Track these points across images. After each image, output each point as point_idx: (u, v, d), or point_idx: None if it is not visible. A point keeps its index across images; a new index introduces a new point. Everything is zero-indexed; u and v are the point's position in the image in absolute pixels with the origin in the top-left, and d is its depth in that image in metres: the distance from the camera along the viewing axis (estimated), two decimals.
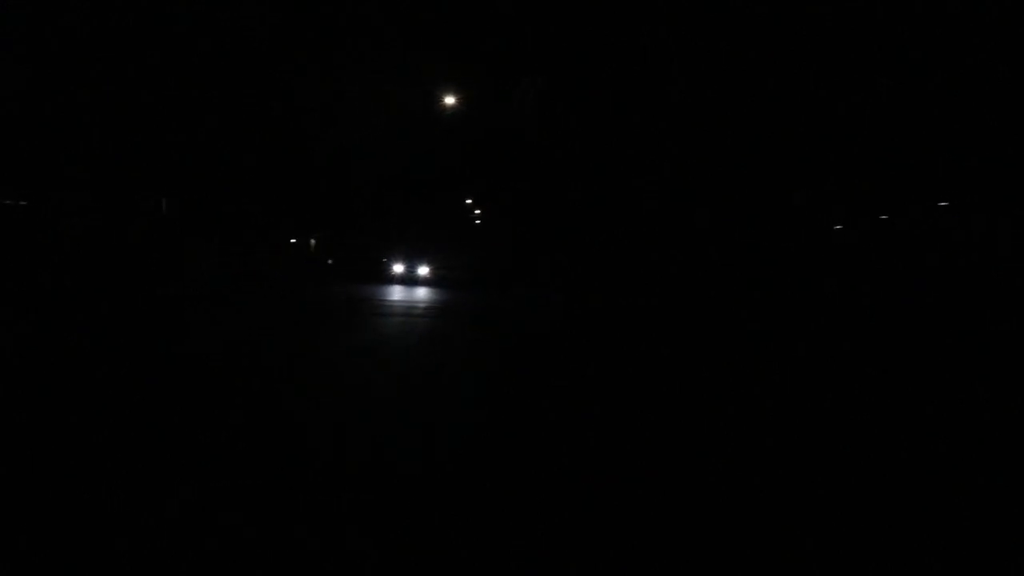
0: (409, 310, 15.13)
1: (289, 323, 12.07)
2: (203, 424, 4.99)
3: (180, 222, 30.25)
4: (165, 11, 28.60)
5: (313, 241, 35.92)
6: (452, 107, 26.99)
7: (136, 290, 21.42)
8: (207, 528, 3.25)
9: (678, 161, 23.78)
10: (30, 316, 13.25)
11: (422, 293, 21.97)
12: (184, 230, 30.00)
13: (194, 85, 30.21)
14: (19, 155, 26.94)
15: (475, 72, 27.72)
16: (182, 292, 22.46)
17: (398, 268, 31.70)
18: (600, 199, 27.53)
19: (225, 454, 4.31)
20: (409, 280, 30.29)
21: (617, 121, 25.30)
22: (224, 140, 31.03)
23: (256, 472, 4.00)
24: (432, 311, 15.20)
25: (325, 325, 11.76)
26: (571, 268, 28.22)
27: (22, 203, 28.21)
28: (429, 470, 4.19)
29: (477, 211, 40.11)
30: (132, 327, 11.10)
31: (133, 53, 29.22)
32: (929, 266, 17.81)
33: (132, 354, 8.08)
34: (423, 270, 31.28)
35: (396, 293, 21.44)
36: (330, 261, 36.16)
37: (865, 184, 19.92)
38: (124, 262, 26.51)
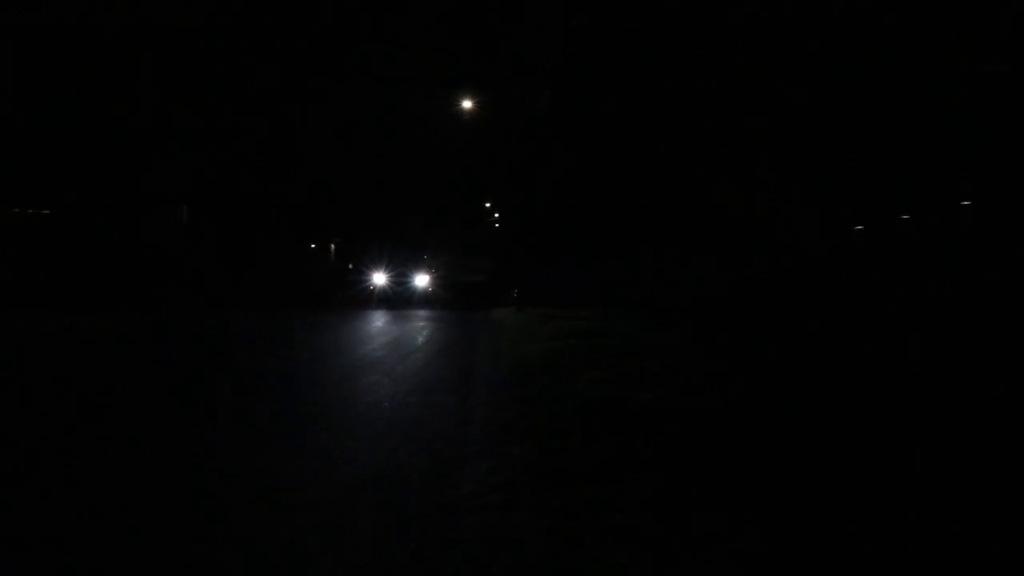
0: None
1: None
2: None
3: (200, 230, 30.04)
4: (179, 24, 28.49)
5: (333, 247, 35.55)
6: (471, 110, 26.09)
7: (155, 298, 21.22)
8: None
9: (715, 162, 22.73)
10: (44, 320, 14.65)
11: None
12: (203, 238, 29.78)
13: (211, 93, 29.92)
14: (40, 164, 27.05)
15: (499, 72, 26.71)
16: (195, 299, 22.09)
17: (379, 279, 21.92)
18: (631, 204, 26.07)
19: None
20: (399, 299, 21.59)
21: (645, 123, 24.27)
22: (241, 146, 30.66)
23: None
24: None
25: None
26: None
27: (44, 212, 28.39)
28: None
29: (496, 215, 38.68)
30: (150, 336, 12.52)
31: (152, 60, 29.17)
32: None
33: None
34: (421, 281, 22.26)
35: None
36: (351, 266, 35.84)
37: (883, 186, 19.01)
38: (144, 270, 26.56)
